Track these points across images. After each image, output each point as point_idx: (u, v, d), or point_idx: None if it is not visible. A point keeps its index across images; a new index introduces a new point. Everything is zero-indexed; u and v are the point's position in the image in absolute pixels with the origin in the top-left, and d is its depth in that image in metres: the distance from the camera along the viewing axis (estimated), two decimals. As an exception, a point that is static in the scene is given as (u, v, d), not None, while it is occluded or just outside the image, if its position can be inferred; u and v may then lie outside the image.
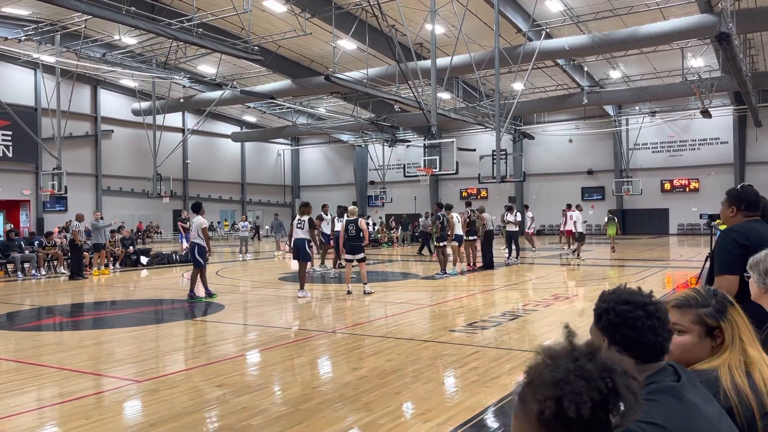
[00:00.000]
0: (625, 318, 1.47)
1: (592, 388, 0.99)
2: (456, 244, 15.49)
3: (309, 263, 12.65)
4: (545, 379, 1.01)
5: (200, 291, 11.52)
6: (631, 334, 1.46)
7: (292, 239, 11.91)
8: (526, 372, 1.06)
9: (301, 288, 11.47)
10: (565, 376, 1.00)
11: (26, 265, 16.91)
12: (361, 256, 11.80)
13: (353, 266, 12.01)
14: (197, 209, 11.65)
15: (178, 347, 7.71)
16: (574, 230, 19.48)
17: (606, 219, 23.86)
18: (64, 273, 17.07)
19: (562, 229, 23.46)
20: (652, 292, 1.56)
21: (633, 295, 1.51)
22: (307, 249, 11.57)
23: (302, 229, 11.53)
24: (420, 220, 27.24)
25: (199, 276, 11.46)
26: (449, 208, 15.72)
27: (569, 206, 21.16)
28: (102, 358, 7.02)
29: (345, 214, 14.09)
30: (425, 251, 22.67)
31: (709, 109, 28.02)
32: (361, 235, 11.73)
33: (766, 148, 34.21)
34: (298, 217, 11.78)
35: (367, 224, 14.93)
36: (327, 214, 16.57)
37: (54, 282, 15.57)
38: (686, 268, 16.04)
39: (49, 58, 25.45)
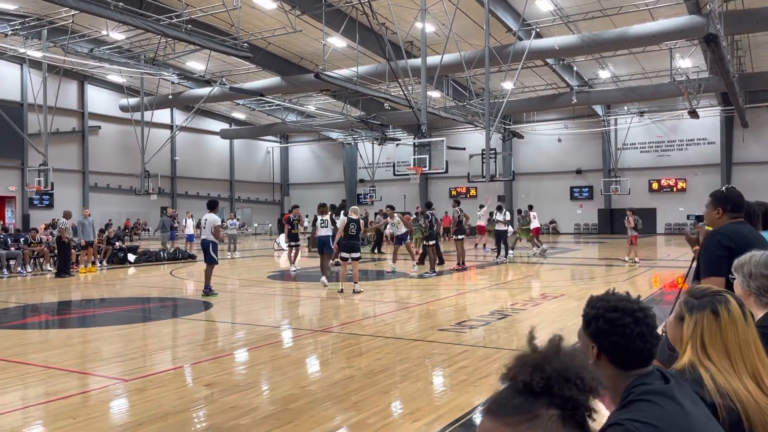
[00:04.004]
0: (615, 325, 1.48)
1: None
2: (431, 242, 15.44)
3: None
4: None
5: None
6: (620, 341, 1.48)
7: (316, 237, 13.65)
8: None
9: (324, 274, 12.95)
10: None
11: (12, 262, 16.74)
12: (357, 255, 11.90)
13: (348, 264, 12.05)
14: (213, 207, 11.87)
15: (166, 346, 7.67)
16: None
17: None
18: (50, 270, 16.92)
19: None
20: (639, 298, 1.57)
21: (622, 302, 1.51)
22: (331, 244, 13.02)
23: (326, 227, 13.21)
24: (376, 217, 26.45)
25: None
26: (429, 206, 15.85)
27: (531, 207, 21.58)
28: (89, 356, 6.97)
29: (324, 213, 14.23)
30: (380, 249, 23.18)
31: (696, 110, 28.25)
32: (360, 235, 12.27)
33: (752, 148, 34.55)
34: (320, 217, 13.38)
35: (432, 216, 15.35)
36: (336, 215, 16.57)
37: (40, 279, 15.44)
38: (674, 267, 16.17)
39: (35, 53, 25.18)
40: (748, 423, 1.66)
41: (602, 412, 1.62)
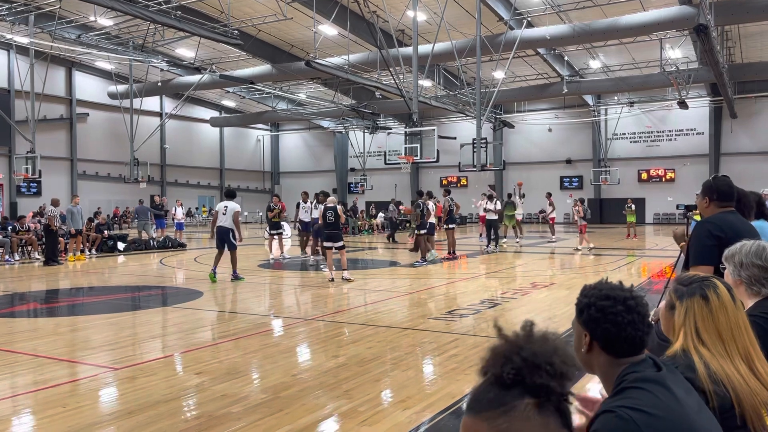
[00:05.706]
0: (606, 313, 1.49)
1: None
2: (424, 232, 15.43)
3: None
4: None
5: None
6: (612, 329, 1.49)
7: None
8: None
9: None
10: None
11: (-1, 250, 16.61)
12: (340, 243, 11.88)
13: (334, 253, 12.06)
14: (232, 195, 12.12)
15: (156, 334, 7.65)
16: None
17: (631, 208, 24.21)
18: (38, 258, 16.79)
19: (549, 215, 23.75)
20: (633, 287, 1.57)
21: (614, 290, 1.52)
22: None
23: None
24: (390, 206, 27.04)
25: (219, 257, 11.90)
26: (430, 195, 15.80)
27: (549, 194, 21.75)
28: (78, 345, 6.94)
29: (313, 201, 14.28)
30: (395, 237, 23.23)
31: (686, 100, 28.37)
32: (339, 223, 11.95)
33: (740, 139, 34.78)
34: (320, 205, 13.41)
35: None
36: (306, 202, 16.48)
37: (28, 268, 15.32)
38: (662, 257, 16.30)
39: (22, 39, 24.82)
40: (740, 408, 1.68)
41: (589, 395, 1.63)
